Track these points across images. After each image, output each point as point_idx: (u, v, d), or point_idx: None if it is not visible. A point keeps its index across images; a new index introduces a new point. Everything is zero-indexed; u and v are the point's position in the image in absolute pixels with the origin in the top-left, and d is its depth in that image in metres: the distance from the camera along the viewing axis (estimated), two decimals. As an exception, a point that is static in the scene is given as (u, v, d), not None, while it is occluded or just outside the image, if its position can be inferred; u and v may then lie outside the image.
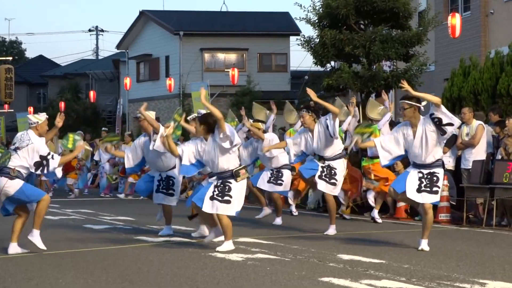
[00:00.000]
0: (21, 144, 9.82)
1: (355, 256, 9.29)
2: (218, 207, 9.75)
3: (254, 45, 40.25)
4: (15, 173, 9.72)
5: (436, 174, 9.83)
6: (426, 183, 9.80)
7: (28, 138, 9.87)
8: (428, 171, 9.83)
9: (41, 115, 10.13)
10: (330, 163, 11.76)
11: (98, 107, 47.95)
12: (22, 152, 9.77)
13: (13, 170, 9.73)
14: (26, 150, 9.78)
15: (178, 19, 40.80)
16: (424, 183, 9.80)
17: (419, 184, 9.82)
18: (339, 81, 21.07)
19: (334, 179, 11.76)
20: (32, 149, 9.80)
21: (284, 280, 7.72)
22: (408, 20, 21.57)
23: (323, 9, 21.56)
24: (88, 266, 8.78)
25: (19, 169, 9.76)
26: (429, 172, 9.83)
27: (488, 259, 9.20)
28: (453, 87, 18.96)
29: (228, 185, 9.79)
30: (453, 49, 24.50)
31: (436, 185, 9.79)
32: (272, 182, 13.57)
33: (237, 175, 9.84)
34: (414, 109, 9.80)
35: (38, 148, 9.82)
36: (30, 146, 9.79)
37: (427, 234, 9.94)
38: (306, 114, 11.82)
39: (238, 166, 9.92)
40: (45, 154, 9.85)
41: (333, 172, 11.76)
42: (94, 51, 62.74)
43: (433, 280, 7.62)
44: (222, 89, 36.84)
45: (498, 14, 23.78)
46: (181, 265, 8.79)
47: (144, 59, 42.75)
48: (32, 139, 9.86)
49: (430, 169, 9.83)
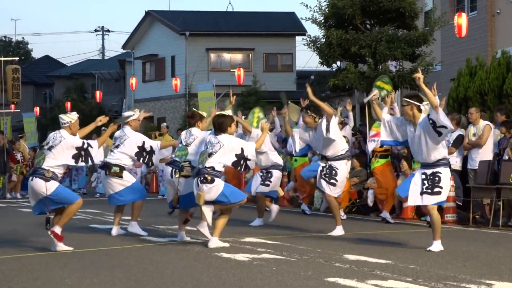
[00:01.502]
0: (54, 142, 9.94)
1: (361, 256, 9.27)
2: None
3: (260, 45, 40.23)
4: (50, 174, 9.79)
5: (439, 174, 9.79)
6: (428, 185, 9.78)
7: (60, 135, 10.04)
8: (431, 171, 9.82)
9: (73, 114, 10.41)
10: (331, 163, 11.79)
11: (104, 107, 47.97)
12: (57, 149, 9.91)
13: (48, 171, 9.79)
14: (61, 147, 9.91)
15: (184, 19, 40.82)
16: (426, 185, 9.79)
17: (422, 186, 9.81)
18: (345, 81, 21.05)
19: (334, 179, 11.77)
20: (66, 145, 9.96)
21: (290, 280, 7.71)
22: (414, 20, 21.54)
23: (329, 9, 21.55)
24: (94, 266, 8.78)
25: (53, 170, 9.84)
26: (432, 172, 9.81)
27: (494, 259, 9.18)
28: (459, 87, 18.91)
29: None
30: (460, 49, 24.45)
31: (438, 185, 9.74)
32: (260, 183, 13.53)
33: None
34: (412, 107, 9.80)
35: (72, 142, 10.01)
36: (64, 142, 9.95)
37: (436, 235, 9.88)
38: (306, 115, 11.93)
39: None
40: (80, 145, 10.03)
41: (334, 172, 11.78)
42: (100, 51, 62.87)
43: (440, 281, 7.59)
44: (228, 89, 36.84)
45: (504, 14, 23.73)
46: (186, 264, 8.78)
47: (150, 59, 42.77)
48: (64, 136, 10.03)
49: (433, 168, 9.81)
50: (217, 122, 10.23)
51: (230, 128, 10.22)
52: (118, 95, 49.47)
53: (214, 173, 9.93)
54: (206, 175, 9.89)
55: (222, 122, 10.17)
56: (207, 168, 9.93)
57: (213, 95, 28.70)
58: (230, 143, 10.10)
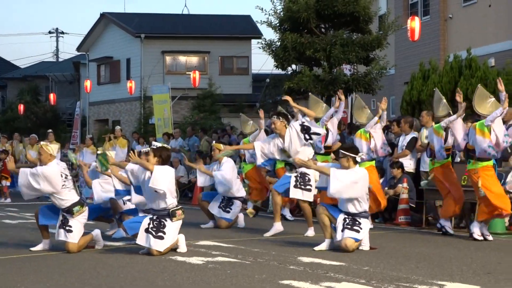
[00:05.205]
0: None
1: (315, 258, 9.33)
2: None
3: (216, 48, 40.19)
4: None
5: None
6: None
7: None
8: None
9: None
10: (302, 170, 11.73)
11: (58, 109, 47.51)
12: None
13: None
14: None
15: (139, 22, 40.61)
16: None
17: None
18: (300, 84, 21.12)
19: (309, 185, 11.80)
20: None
21: (244, 283, 7.73)
22: (368, 24, 21.71)
23: (284, 13, 21.61)
24: (47, 270, 8.71)
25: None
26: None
27: (446, 261, 9.30)
28: (412, 91, 19.14)
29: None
30: (413, 53, 24.72)
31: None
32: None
33: (173, 215, 9.96)
34: (348, 159, 10.29)
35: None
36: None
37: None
38: (277, 120, 11.88)
39: (175, 206, 10.02)
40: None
41: (307, 179, 11.80)
42: (54, 53, 62.16)
43: (392, 282, 7.68)
44: (184, 92, 36.74)
45: (456, 19, 24.05)
46: (141, 268, 8.75)
47: (104, 61, 42.47)
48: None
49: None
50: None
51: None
52: (73, 98, 48.99)
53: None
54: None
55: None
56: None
57: (169, 98, 28.62)
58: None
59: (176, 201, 10.06)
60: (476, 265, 8.91)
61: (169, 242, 9.88)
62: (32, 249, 10.41)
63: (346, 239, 9.96)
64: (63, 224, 10.22)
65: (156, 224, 9.87)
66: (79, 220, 10.28)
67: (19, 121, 44.60)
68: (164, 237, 9.82)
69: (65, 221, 10.22)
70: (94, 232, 10.57)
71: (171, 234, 9.91)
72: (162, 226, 9.86)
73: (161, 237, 9.82)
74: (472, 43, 20.65)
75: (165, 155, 10.09)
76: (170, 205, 9.91)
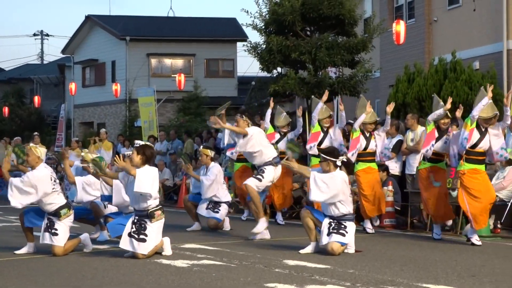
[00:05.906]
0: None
1: (301, 261, 9.34)
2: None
3: (201, 50, 40.17)
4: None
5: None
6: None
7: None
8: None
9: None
10: (261, 167, 12.20)
11: (43, 112, 47.34)
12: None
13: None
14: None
15: (124, 24, 40.53)
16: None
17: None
18: (285, 87, 21.12)
19: (260, 175, 12.11)
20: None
21: (229, 286, 7.72)
22: (354, 27, 21.74)
23: (270, 16, 21.61)
24: (31, 273, 8.67)
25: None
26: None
27: (431, 263, 9.33)
28: (398, 94, 19.20)
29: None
30: (398, 56, 24.77)
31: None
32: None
33: (152, 216, 9.95)
34: (328, 163, 10.31)
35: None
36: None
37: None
38: (240, 119, 12.24)
39: (155, 207, 10.01)
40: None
41: (261, 170, 12.14)
42: (39, 55, 62.02)
43: (377, 285, 7.69)
44: (169, 94, 36.70)
45: (441, 22, 24.12)
46: (126, 271, 8.73)
47: (90, 64, 42.37)
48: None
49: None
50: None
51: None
52: (58, 100, 48.81)
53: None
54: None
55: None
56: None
57: (154, 101, 28.58)
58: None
59: (158, 201, 10.06)
60: (461, 268, 8.95)
61: (152, 244, 9.86)
62: (16, 252, 10.36)
63: (332, 243, 9.97)
64: (49, 227, 10.18)
65: (137, 227, 9.87)
66: (65, 223, 10.24)
67: (4, 123, 44.43)
68: (146, 239, 9.82)
69: (51, 224, 10.18)
70: (82, 236, 10.55)
71: (153, 235, 9.90)
72: (143, 228, 9.86)
73: (143, 240, 9.81)
74: (456, 46, 20.73)
75: (149, 153, 10.06)
76: (149, 206, 9.91)
